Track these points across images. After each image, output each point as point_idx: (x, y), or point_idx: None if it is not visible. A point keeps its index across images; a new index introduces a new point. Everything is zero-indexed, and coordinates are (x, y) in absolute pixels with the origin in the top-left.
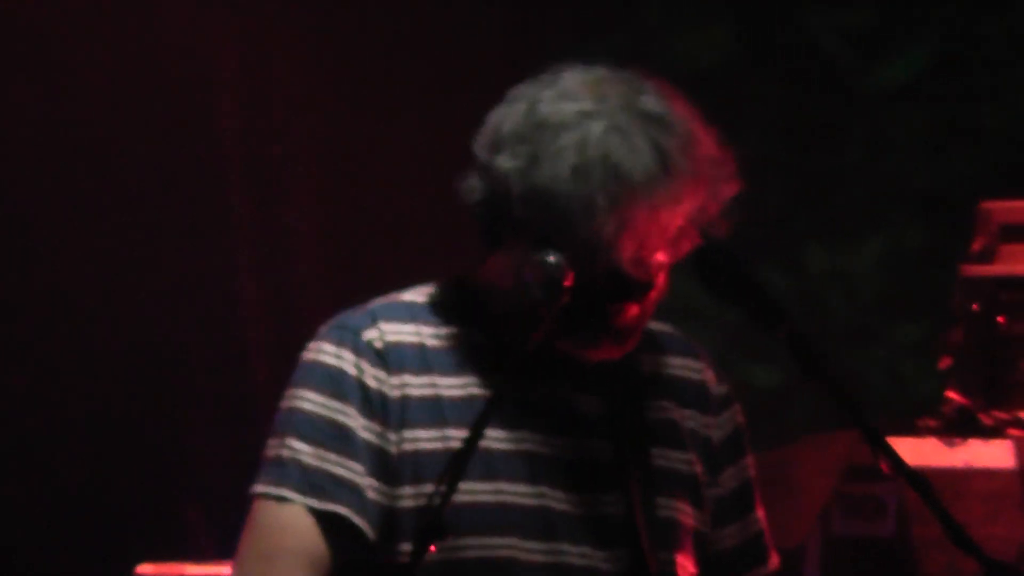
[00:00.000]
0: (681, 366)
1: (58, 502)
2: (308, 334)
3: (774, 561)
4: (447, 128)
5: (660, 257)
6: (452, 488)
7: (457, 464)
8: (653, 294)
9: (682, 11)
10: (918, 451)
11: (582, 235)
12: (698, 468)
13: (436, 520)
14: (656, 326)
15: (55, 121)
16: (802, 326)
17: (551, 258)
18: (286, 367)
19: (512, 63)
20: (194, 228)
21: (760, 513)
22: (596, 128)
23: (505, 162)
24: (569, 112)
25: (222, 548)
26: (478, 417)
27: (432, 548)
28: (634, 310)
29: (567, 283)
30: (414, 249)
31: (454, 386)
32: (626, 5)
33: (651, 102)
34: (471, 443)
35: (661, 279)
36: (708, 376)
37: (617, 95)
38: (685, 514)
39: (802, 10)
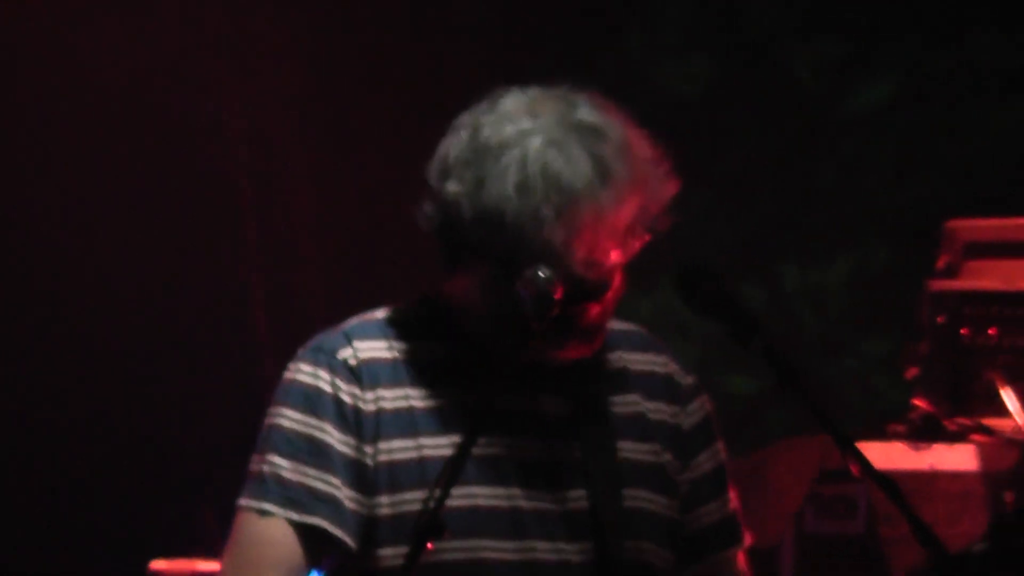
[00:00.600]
0: (646, 361)
1: (74, 500)
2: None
3: (748, 539)
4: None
5: (613, 257)
6: (447, 491)
7: (453, 469)
8: (611, 293)
9: (664, 42)
10: (887, 455)
11: (534, 247)
12: (667, 457)
13: (433, 521)
14: (620, 325)
15: (69, 122)
16: (776, 339)
17: (542, 273)
18: None
19: (500, 86)
20: (204, 233)
21: (734, 494)
22: (534, 144)
23: (453, 187)
24: (508, 133)
25: None
26: (471, 425)
27: (430, 546)
28: (595, 309)
29: (557, 296)
30: (415, 253)
31: (426, 397)
32: (609, 35)
33: (585, 113)
34: (466, 448)
35: (617, 278)
36: (673, 368)
37: (552, 111)
38: (654, 503)
39: (778, 42)
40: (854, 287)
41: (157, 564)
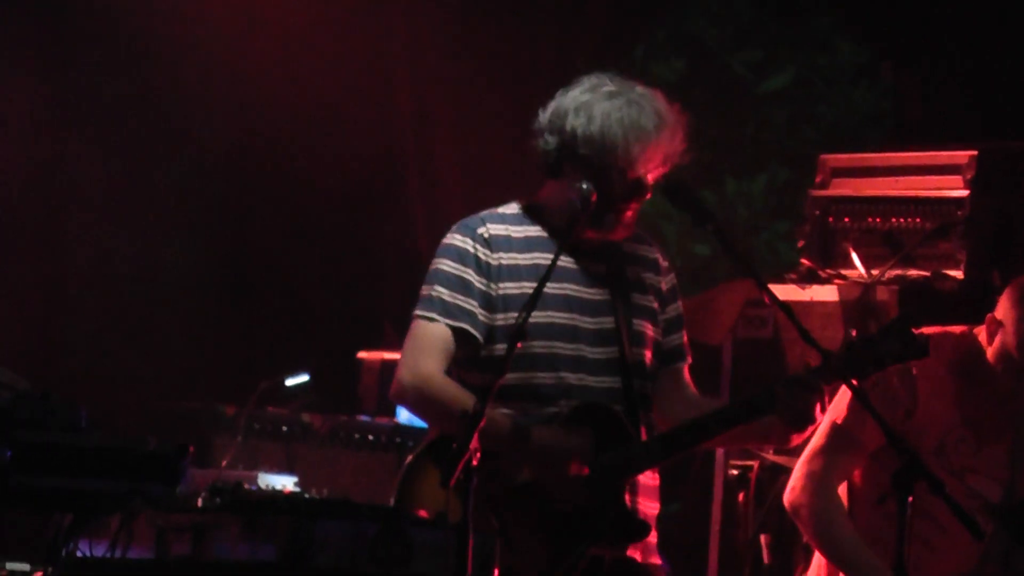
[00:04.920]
0: (645, 250)
1: (304, 310)
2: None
3: (689, 359)
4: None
5: (654, 173)
6: (529, 314)
7: (533, 300)
8: (646, 197)
9: (656, 53)
10: (785, 291)
11: (618, 161)
12: (655, 305)
13: (521, 329)
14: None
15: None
16: (722, 223)
17: (584, 186)
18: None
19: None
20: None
21: (685, 332)
22: (619, 102)
23: (573, 121)
24: (606, 91)
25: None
26: (543, 274)
27: (519, 345)
28: (635, 206)
29: (593, 199)
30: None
31: (526, 258)
32: (614, 43)
33: (645, 90)
34: (540, 287)
35: (649, 191)
36: (658, 255)
37: (629, 86)
38: (648, 329)
39: (724, 50)
40: (768, 192)
41: (362, 354)
